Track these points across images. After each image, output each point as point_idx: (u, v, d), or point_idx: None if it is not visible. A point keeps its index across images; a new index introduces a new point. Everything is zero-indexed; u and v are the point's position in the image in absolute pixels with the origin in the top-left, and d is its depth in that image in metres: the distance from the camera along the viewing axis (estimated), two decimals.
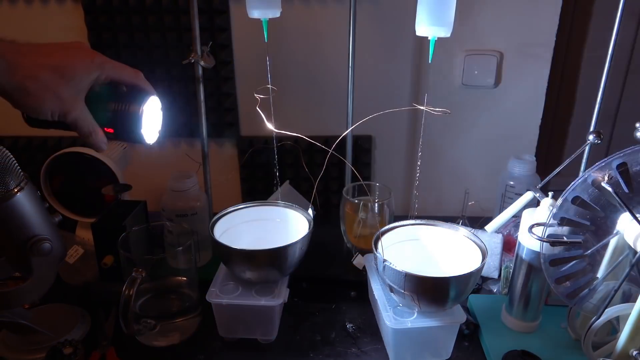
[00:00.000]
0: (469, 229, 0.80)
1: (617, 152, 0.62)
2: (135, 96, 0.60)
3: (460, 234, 0.78)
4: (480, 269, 0.69)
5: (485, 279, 0.92)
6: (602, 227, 0.66)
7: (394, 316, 0.71)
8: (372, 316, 0.84)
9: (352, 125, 0.98)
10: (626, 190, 0.62)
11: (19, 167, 0.62)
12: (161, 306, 0.80)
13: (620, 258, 0.65)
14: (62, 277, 0.90)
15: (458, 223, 0.93)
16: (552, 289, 0.70)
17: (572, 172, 0.78)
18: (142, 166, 1.19)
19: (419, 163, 0.92)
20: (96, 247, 0.84)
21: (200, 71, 0.91)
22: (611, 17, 0.73)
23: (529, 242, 0.73)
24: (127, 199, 0.94)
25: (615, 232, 0.65)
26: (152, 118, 0.62)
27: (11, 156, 0.61)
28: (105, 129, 0.59)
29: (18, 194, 0.61)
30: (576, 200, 0.65)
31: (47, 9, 1.07)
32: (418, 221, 0.81)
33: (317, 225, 0.81)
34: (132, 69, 0.60)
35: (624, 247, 0.65)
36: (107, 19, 1.05)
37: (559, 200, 0.66)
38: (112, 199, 0.90)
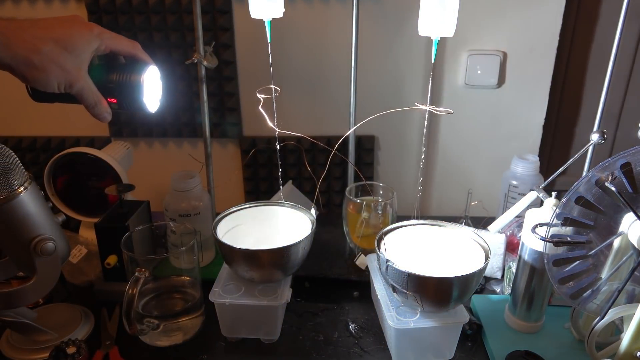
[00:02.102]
0: (472, 229, 0.80)
1: (621, 152, 0.62)
2: (135, 66, 0.61)
3: (463, 234, 0.78)
4: (483, 269, 0.69)
5: (488, 279, 0.92)
6: (606, 227, 0.66)
7: (397, 316, 0.71)
8: (375, 316, 0.84)
9: (354, 125, 0.98)
10: (630, 190, 0.62)
11: (22, 167, 0.63)
12: (164, 306, 0.81)
13: (624, 258, 0.65)
14: (65, 277, 0.90)
15: (461, 223, 0.93)
16: (555, 289, 0.70)
17: (575, 172, 0.78)
18: (145, 166, 1.20)
19: (421, 163, 0.92)
20: (99, 247, 0.84)
21: (203, 71, 0.91)
22: (615, 16, 0.73)
23: (532, 242, 0.73)
24: (131, 199, 0.94)
25: (619, 232, 0.65)
26: (152, 87, 0.63)
27: (15, 156, 0.62)
28: (109, 99, 0.60)
29: (22, 194, 0.62)
30: (580, 200, 0.65)
31: (50, 9, 1.08)
32: (421, 221, 0.81)
33: (319, 225, 0.81)
34: (129, 39, 0.62)
35: (627, 248, 0.65)
36: (110, 19, 1.06)
37: (563, 200, 0.66)
38: (115, 199, 0.90)
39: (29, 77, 0.54)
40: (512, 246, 0.93)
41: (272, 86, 0.83)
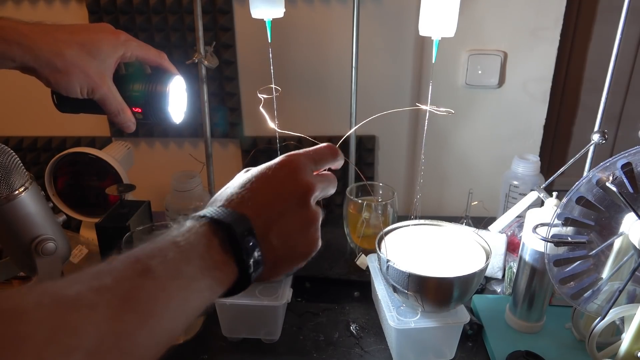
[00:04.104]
0: (473, 229, 0.80)
1: (622, 152, 0.62)
2: (161, 76, 0.61)
3: (464, 234, 0.78)
4: (484, 269, 0.69)
5: (489, 279, 0.92)
6: (607, 227, 0.66)
7: (398, 316, 0.71)
8: (376, 316, 0.84)
9: (355, 125, 0.98)
10: (631, 190, 0.62)
11: (23, 167, 0.63)
12: None
13: (625, 258, 0.65)
14: None
15: (462, 223, 0.93)
16: (556, 290, 0.70)
17: (576, 172, 0.78)
18: (146, 166, 1.20)
19: (422, 163, 0.92)
20: (100, 247, 0.84)
21: (204, 71, 0.91)
22: (616, 16, 0.73)
23: (533, 242, 0.73)
24: (131, 199, 0.94)
25: (620, 232, 0.65)
26: (177, 98, 0.63)
27: (16, 156, 0.62)
28: (134, 109, 0.60)
29: (23, 194, 0.62)
30: (580, 200, 0.65)
31: (51, 9, 1.08)
32: (421, 221, 0.81)
33: (320, 225, 0.81)
34: (156, 49, 0.61)
35: (628, 248, 0.65)
36: (111, 19, 1.06)
37: (563, 200, 0.66)
38: (116, 199, 0.90)
39: (52, 81, 0.53)
40: (512, 246, 0.93)
41: (273, 86, 0.83)
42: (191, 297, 0.36)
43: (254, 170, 0.47)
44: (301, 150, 0.50)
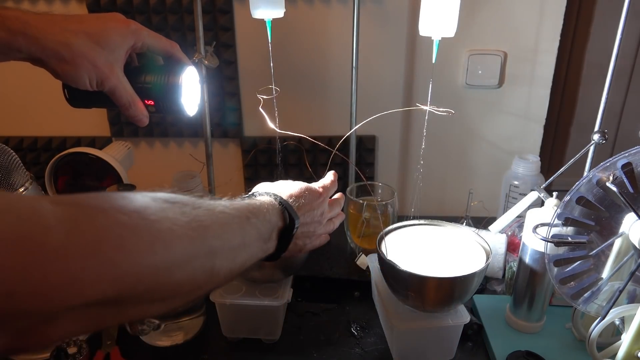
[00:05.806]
0: (473, 229, 0.80)
1: (622, 152, 0.62)
2: (173, 67, 0.59)
3: (464, 234, 0.78)
4: (484, 269, 0.69)
5: (489, 279, 0.92)
6: (607, 227, 0.66)
7: (398, 316, 0.71)
8: (376, 316, 0.84)
9: (355, 125, 0.98)
10: (631, 190, 0.62)
11: (24, 167, 0.63)
12: None
13: (625, 258, 0.65)
14: None
15: (462, 223, 0.93)
16: (556, 290, 0.70)
17: (576, 172, 0.78)
18: (146, 166, 1.20)
19: (422, 163, 0.92)
20: None
21: (204, 71, 0.91)
22: (615, 16, 0.73)
23: (533, 242, 0.73)
24: None
25: (620, 232, 0.65)
26: (190, 89, 0.61)
27: (16, 156, 0.62)
28: (146, 101, 0.58)
29: (23, 194, 0.62)
30: (581, 200, 0.65)
31: (51, 9, 1.08)
32: (422, 221, 0.81)
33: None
34: (168, 39, 0.59)
35: (629, 248, 0.65)
36: None
37: (564, 200, 0.66)
38: None
39: (59, 71, 0.52)
40: (513, 246, 0.93)
41: (273, 86, 0.83)
42: (254, 246, 0.53)
43: (310, 190, 0.68)
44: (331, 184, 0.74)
